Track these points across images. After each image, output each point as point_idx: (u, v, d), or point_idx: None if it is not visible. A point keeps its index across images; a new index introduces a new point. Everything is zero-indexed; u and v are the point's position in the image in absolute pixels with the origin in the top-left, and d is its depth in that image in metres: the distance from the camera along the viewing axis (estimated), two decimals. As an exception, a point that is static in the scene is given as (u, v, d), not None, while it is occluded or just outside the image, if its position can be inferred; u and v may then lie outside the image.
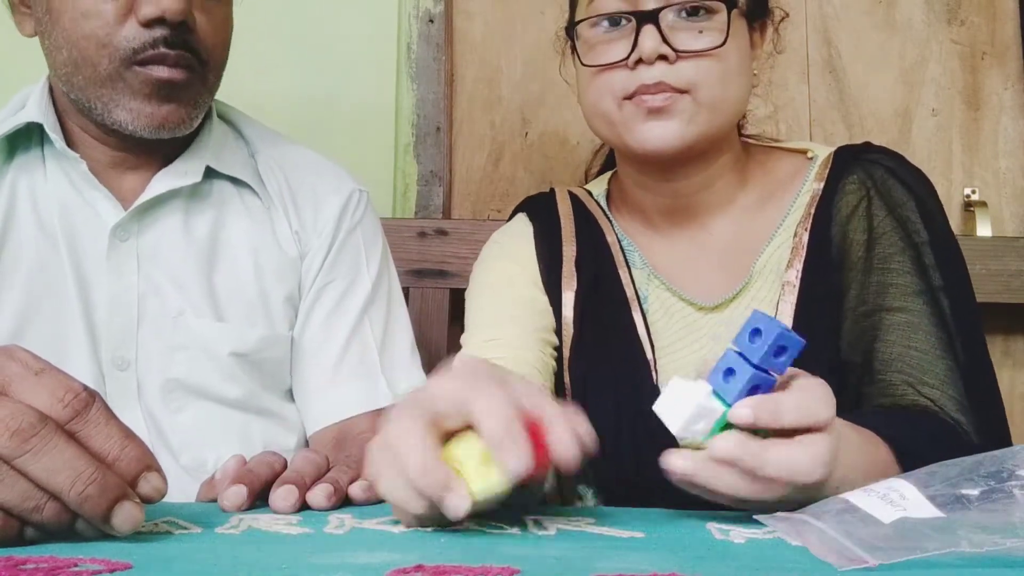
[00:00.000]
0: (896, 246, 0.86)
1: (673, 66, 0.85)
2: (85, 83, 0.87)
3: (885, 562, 0.45)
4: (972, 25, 1.53)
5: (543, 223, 1.02)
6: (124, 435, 0.50)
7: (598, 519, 0.58)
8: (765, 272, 0.91)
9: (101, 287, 0.91)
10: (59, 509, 0.47)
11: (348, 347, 0.98)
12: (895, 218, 0.87)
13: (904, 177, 0.90)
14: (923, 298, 0.84)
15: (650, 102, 0.86)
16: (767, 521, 0.55)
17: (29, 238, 0.91)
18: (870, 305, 0.85)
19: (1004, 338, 1.48)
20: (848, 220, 0.89)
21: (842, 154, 0.94)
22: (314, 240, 1.00)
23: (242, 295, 0.96)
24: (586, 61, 0.90)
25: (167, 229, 0.94)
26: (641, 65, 0.86)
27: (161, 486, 0.51)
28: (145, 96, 0.87)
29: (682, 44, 0.86)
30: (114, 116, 0.88)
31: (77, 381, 0.50)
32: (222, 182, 0.98)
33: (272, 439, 0.95)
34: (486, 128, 1.52)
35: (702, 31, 0.86)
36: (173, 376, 0.91)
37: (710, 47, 0.86)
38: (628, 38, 0.87)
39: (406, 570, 0.43)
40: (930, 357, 0.81)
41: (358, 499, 0.66)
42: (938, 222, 0.89)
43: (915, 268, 0.85)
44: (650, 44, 0.85)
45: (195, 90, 0.90)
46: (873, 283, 0.86)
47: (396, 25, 1.48)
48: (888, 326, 0.83)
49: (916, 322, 0.83)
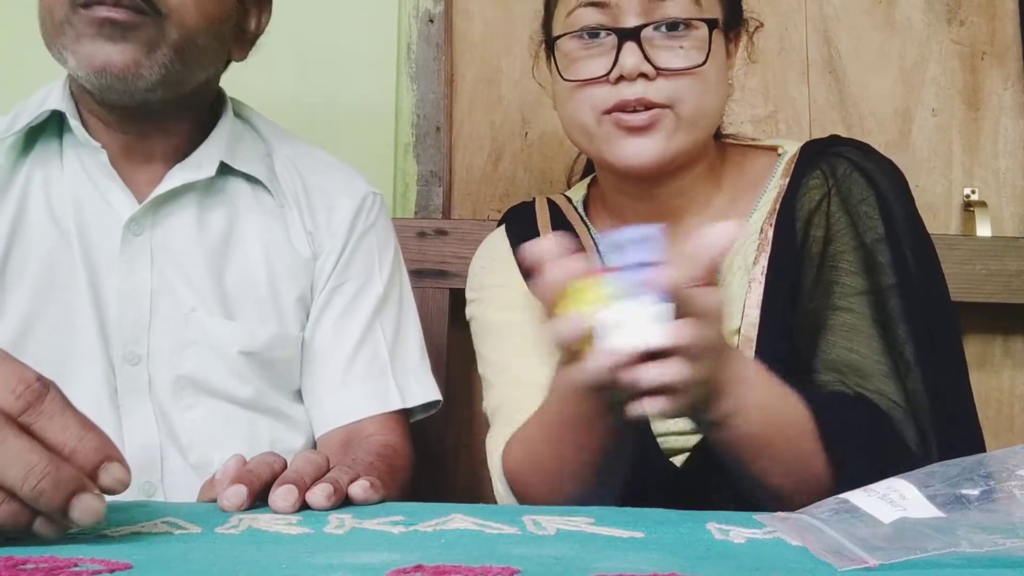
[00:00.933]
0: (847, 245, 0.86)
1: (653, 82, 0.86)
2: (48, 37, 0.88)
3: (885, 562, 0.46)
4: (972, 25, 1.53)
5: (520, 241, 1.01)
6: (81, 425, 0.48)
7: (598, 519, 0.58)
8: (733, 268, 0.92)
9: (113, 281, 0.91)
10: (16, 509, 0.46)
11: (359, 350, 0.98)
12: (851, 215, 0.88)
13: (868, 170, 0.90)
14: (867, 299, 0.84)
15: (629, 121, 0.86)
16: (767, 521, 0.55)
17: (41, 230, 0.91)
18: (816, 303, 0.86)
19: (1004, 338, 1.48)
20: (809, 217, 0.89)
21: (808, 149, 0.95)
22: (327, 241, 1.00)
23: (253, 294, 0.96)
24: (566, 75, 0.90)
25: (181, 224, 0.94)
26: (622, 81, 0.86)
27: (123, 476, 0.49)
28: (89, 37, 0.85)
29: (663, 62, 0.86)
30: (70, 63, 0.87)
31: (31, 371, 0.49)
32: (236, 179, 0.98)
33: (279, 439, 0.95)
34: (486, 128, 1.52)
35: (683, 47, 0.87)
36: (183, 373, 0.91)
37: (691, 65, 0.86)
38: (608, 54, 0.87)
39: (406, 570, 0.43)
40: (869, 361, 0.81)
41: (358, 499, 0.66)
42: (898, 217, 0.88)
43: (863, 268, 0.85)
44: (631, 61, 0.85)
45: (147, 35, 0.87)
46: (822, 281, 0.86)
47: (396, 25, 1.48)
48: (831, 326, 0.84)
49: (857, 324, 0.83)
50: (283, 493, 0.62)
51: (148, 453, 0.89)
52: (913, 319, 0.83)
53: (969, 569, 0.45)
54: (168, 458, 0.90)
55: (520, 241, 1.01)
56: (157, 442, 0.90)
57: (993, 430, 1.47)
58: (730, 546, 0.51)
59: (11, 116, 0.96)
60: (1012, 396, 1.48)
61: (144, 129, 0.94)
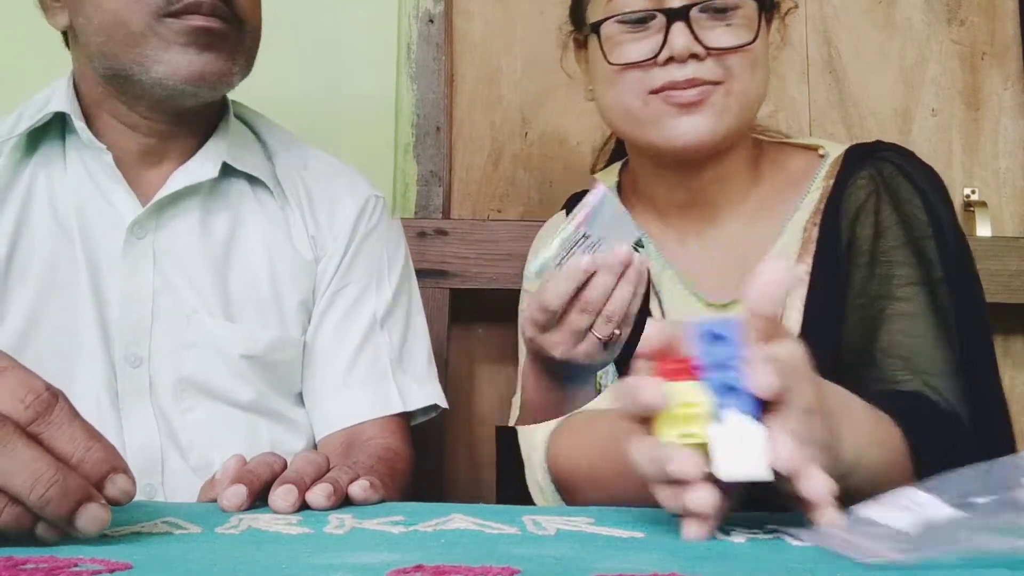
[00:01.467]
0: (899, 239, 0.86)
1: (703, 62, 0.85)
2: (120, 47, 0.87)
3: (911, 557, 0.44)
4: (972, 25, 1.53)
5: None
6: (89, 436, 0.49)
7: (598, 519, 0.58)
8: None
9: (115, 283, 0.91)
10: (19, 513, 0.47)
11: (360, 352, 0.98)
12: (900, 214, 0.88)
13: (912, 174, 0.90)
14: (924, 288, 0.84)
15: (680, 97, 0.86)
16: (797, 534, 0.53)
17: (44, 232, 0.91)
18: (872, 295, 0.85)
19: (1004, 338, 1.48)
20: (857, 216, 0.89)
21: (854, 152, 0.94)
22: (329, 244, 1.00)
23: (255, 297, 0.96)
24: (612, 59, 0.89)
25: (184, 227, 0.94)
26: (672, 63, 0.86)
27: (128, 488, 0.50)
28: (181, 46, 0.86)
29: (713, 41, 0.85)
30: (152, 74, 0.87)
31: (40, 380, 0.49)
32: (239, 181, 0.98)
33: (280, 442, 0.95)
34: (486, 128, 1.52)
35: (730, 25, 0.86)
36: (185, 375, 0.91)
37: (742, 44, 0.86)
38: (655, 37, 0.86)
39: (406, 570, 0.43)
40: (930, 347, 0.81)
41: (358, 499, 0.66)
42: (943, 219, 0.89)
43: (917, 260, 0.85)
44: (681, 42, 0.84)
45: (233, 43, 0.89)
46: (876, 275, 0.86)
47: (396, 25, 1.48)
48: (890, 315, 0.84)
49: (917, 312, 0.83)
50: (283, 493, 0.62)
51: (149, 455, 0.89)
52: (963, 315, 0.84)
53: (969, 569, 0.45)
54: (169, 460, 0.90)
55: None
56: (158, 444, 0.90)
57: (993, 430, 1.47)
58: (730, 546, 0.51)
59: (15, 116, 0.96)
60: (1012, 396, 1.48)
61: (171, 131, 0.94)
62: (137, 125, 0.93)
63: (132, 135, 0.93)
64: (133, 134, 0.93)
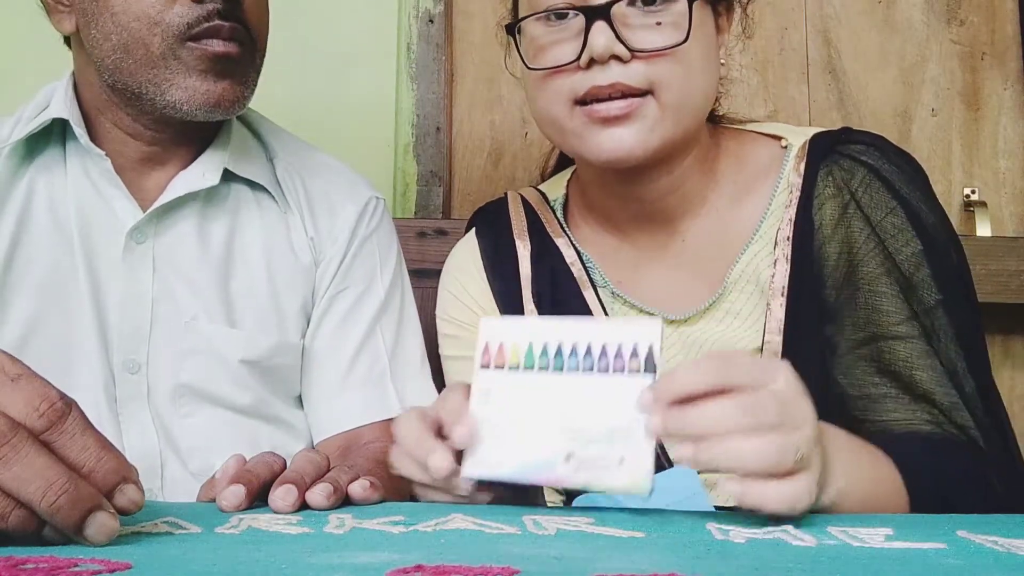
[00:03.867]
0: (882, 266, 0.80)
1: (628, 65, 0.77)
2: (136, 66, 0.86)
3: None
4: (972, 25, 1.53)
5: (495, 251, 0.95)
6: (101, 446, 0.49)
7: (598, 519, 0.58)
8: (742, 282, 0.84)
9: (114, 289, 0.91)
10: (26, 517, 0.47)
11: (358, 356, 0.98)
12: (879, 234, 0.80)
13: (887, 175, 0.82)
14: (916, 323, 0.78)
15: (603, 111, 0.77)
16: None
17: (44, 238, 0.91)
18: (862, 334, 0.79)
19: (1004, 338, 1.48)
20: (831, 236, 0.82)
21: (818, 144, 0.85)
22: (329, 247, 0.99)
23: (255, 302, 0.95)
24: (532, 64, 0.81)
25: (184, 233, 0.94)
26: (594, 65, 0.77)
27: (138, 498, 0.50)
28: (201, 72, 0.86)
29: (638, 42, 0.76)
30: (167, 97, 0.87)
31: (54, 389, 0.49)
32: (239, 185, 0.98)
33: (279, 446, 0.95)
34: (486, 128, 1.52)
35: (660, 23, 0.77)
36: (183, 381, 0.91)
37: (670, 45, 0.76)
38: (577, 37, 0.77)
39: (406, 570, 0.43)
40: (936, 388, 0.76)
41: (358, 498, 0.66)
42: (930, 224, 0.81)
43: (905, 288, 0.79)
44: (602, 42, 0.75)
45: (247, 67, 0.90)
46: (862, 306, 0.79)
47: (396, 25, 1.48)
48: (889, 360, 0.78)
49: (913, 351, 0.77)
50: (283, 493, 0.62)
51: (148, 461, 0.89)
52: (961, 332, 0.79)
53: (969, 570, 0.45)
54: (168, 466, 0.90)
55: (494, 249, 0.94)
56: (157, 450, 0.89)
57: (993, 430, 1.47)
58: (730, 546, 0.50)
59: (13, 119, 0.95)
60: (1012, 396, 1.48)
61: (174, 140, 0.94)
62: (140, 134, 0.93)
63: (134, 143, 0.93)
64: (135, 142, 0.93)
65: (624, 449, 0.56)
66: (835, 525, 0.56)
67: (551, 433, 0.59)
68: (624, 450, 0.56)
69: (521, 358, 0.60)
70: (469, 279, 0.96)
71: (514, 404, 0.60)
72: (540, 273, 0.91)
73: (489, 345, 0.61)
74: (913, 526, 0.56)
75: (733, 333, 0.84)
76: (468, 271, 0.97)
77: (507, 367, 0.61)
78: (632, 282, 0.89)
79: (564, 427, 0.58)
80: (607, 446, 0.57)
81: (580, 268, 0.90)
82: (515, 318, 0.64)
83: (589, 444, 0.57)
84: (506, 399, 0.60)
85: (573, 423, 0.58)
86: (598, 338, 0.58)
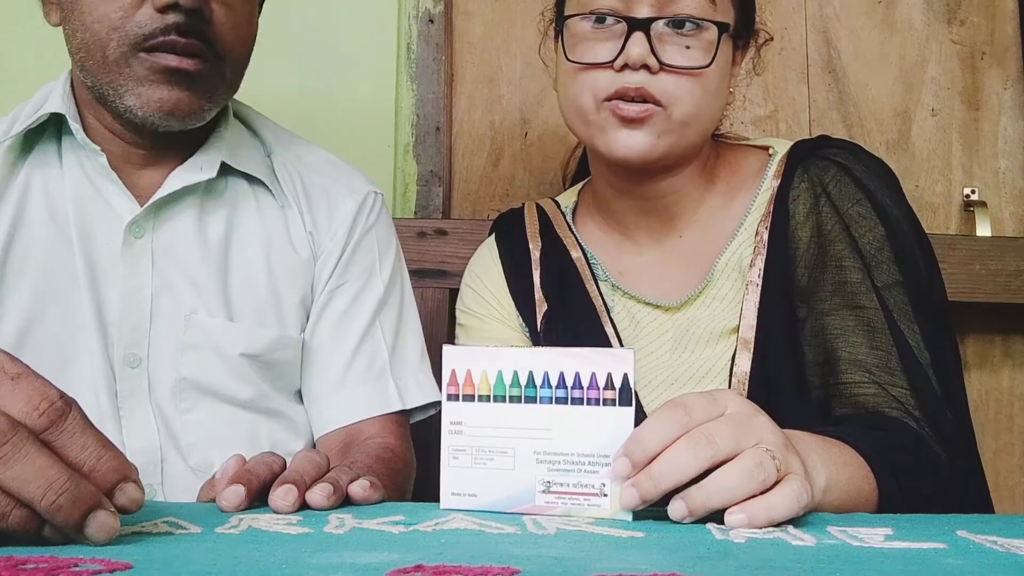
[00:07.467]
0: (847, 247, 0.87)
1: (655, 76, 0.86)
2: (96, 68, 0.87)
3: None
4: (972, 25, 1.53)
5: (511, 253, 1.04)
6: (101, 445, 0.49)
7: (598, 519, 0.58)
8: (727, 270, 0.93)
9: (114, 284, 0.91)
10: (26, 516, 0.47)
11: (358, 351, 0.98)
12: (844, 220, 0.88)
13: (857, 173, 0.91)
14: (877, 295, 0.85)
15: (625, 111, 0.87)
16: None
17: (41, 233, 0.91)
18: (828, 304, 0.86)
19: (1004, 338, 1.48)
20: (803, 223, 0.90)
21: (797, 150, 0.96)
22: (327, 242, 1.00)
23: (254, 296, 0.95)
24: (571, 56, 0.90)
25: (182, 226, 0.94)
26: (626, 69, 0.87)
27: (138, 497, 0.50)
28: (152, 83, 0.86)
29: (669, 58, 0.86)
30: (125, 102, 0.87)
31: (54, 388, 0.49)
32: (237, 180, 0.98)
33: (280, 441, 0.95)
34: (486, 128, 1.52)
35: (689, 47, 0.87)
36: (184, 375, 0.91)
37: (695, 66, 0.87)
38: (616, 40, 0.87)
39: (406, 570, 0.43)
40: (890, 358, 0.82)
41: (358, 498, 0.66)
42: (895, 216, 0.89)
43: (870, 265, 0.86)
44: (637, 51, 0.85)
45: (209, 82, 0.89)
46: (829, 282, 0.87)
47: (396, 25, 1.48)
48: (850, 326, 0.85)
49: (874, 320, 0.84)
50: (283, 493, 0.62)
51: (148, 456, 0.89)
52: (920, 317, 0.85)
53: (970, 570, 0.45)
54: (168, 460, 0.90)
55: (510, 252, 1.04)
56: (157, 445, 0.90)
57: (993, 430, 1.47)
58: (730, 546, 0.50)
59: (10, 118, 0.95)
60: (1012, 396, 1.48)
61: (154, 144, 0.94)
62: (121, 134, 0.93)
63: (117, 141, 0.93)
64: (119, 141, 0.93)
65: (605, 477, 0.58)
66: (835, 525, 0.56)
67: (527, 463, 0.60)
68: (605, 478, 0.58)
69: (491, 387, 0.61)
70: (488, 276, 1.05)
71: (487, 435, 0.61)
72: (548, 268, 1.01)
73: (456, 372, 0.61)
74: (913, 526, 0.56)
75: (716, 315, 0.93)
76: (488, 268, 1.06)
77: (477, 397, 0.61)
78: (631, 275, 0.99)
79: (541, 457, 0.60)
80: (587, 475, 0.59)
81: (584, 263, 1.00)
82: (480, 347, 0.64)
83: (568, 473, 0.59)
84: (479, 430, 0.61)
85: (550, 453, 0.59)
86: (571, 367, 0.59)
